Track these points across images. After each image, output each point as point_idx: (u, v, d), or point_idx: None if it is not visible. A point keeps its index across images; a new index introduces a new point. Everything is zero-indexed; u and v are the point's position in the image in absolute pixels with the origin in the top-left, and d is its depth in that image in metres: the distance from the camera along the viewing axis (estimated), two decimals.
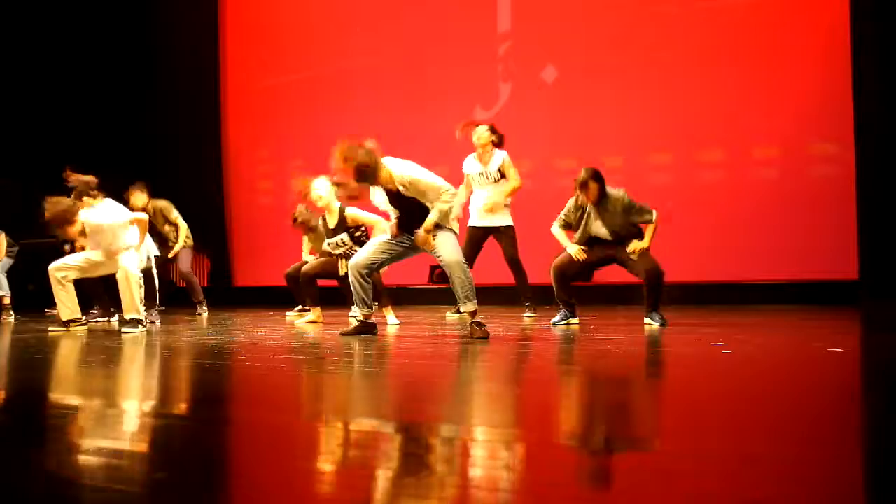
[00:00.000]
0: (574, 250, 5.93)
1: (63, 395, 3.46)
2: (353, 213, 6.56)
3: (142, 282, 6.26)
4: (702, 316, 6.81)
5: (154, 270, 7.19)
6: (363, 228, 6.62)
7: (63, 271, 6.25)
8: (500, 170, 6.92)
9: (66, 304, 6.26)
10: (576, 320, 6.05)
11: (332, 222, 6.63)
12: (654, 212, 5.87)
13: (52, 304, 9.23)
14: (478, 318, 5.08)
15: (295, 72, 10.72)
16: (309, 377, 3.76)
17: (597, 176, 5.83)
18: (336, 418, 2.77)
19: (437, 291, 9.05)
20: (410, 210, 5.09)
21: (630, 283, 6.17)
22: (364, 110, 10.05)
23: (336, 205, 6.58)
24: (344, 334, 5.40)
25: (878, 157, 8.03)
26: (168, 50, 11.10)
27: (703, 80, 8.85)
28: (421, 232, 5.03)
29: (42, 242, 9.94)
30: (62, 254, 9.22)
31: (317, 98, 10.51)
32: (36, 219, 10.26)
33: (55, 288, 6.26)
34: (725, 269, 8.67)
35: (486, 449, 2.20)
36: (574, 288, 6.08)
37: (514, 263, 6.97)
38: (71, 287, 6.30)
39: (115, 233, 6.19)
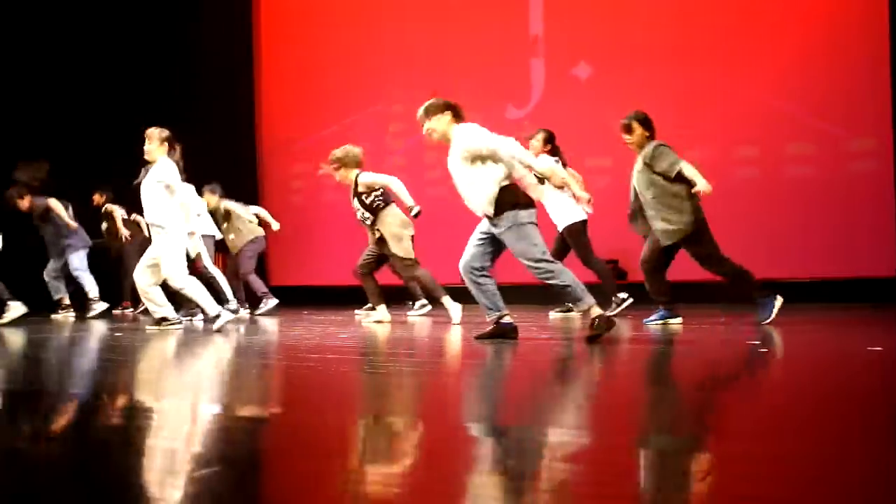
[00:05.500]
0: (640, 232, 5.78)
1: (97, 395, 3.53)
2: (366, 178, 6.46)
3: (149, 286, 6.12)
4: (736, 314, 6.75)
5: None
6: (376, 192, 6.47)
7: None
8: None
9: (204, 300, 6.05)
10: (677, 320, 5.62)
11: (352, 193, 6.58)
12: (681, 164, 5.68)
13: (118, 305, 9.33)
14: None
15: (328, 73, 10.76)
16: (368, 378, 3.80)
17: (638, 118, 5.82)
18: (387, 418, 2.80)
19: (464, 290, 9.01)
20: (460, 185, 4.78)
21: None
22: (397, 111, 10.07)
23: (352, 174, 6.53)
24: (479, 337, 4.89)
25: None
26: (202, 51, 11.18)
27: (738, 75, 8.76)
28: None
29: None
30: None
31: (349, 99, 10.54)
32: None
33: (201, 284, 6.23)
34: (760, 266, 8.48)
35: (487, 448, 2.21)
36: (669, 283, 5.74)
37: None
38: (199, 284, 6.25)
39: (146, 198, 6.20)
